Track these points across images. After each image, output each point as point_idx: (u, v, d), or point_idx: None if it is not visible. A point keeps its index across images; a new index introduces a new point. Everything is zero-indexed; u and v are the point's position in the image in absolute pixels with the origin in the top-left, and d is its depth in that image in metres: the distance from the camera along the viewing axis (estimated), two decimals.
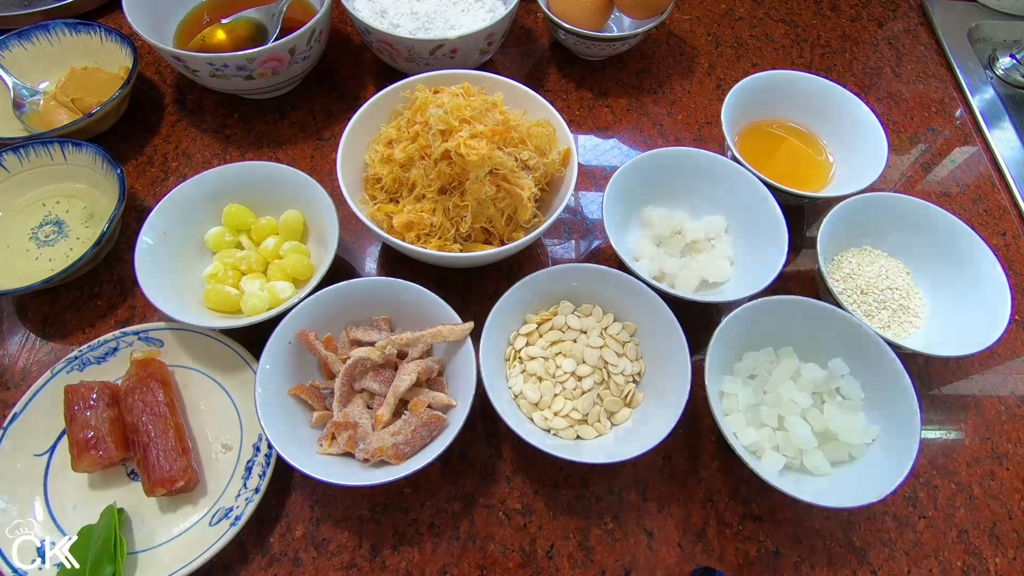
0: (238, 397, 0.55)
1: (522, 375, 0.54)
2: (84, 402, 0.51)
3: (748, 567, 0.51)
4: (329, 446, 0.50)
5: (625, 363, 0.55)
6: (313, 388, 0.53)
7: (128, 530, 0.50)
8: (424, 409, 0.50)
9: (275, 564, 0.50)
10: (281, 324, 0.52)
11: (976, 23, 0.91)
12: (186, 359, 0.57)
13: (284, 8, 0.74)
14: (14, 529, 0.48)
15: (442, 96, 0.59)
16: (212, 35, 0.74)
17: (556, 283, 0.57)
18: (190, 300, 0.57)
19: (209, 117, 0.76)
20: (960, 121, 0.82)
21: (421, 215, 0.57)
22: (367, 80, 0.80)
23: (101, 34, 0.74)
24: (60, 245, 0.64)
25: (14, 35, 0.72)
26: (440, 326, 0.53)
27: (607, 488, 0.54)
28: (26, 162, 0.64)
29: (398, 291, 0.54)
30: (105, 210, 0.64)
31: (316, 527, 0.51)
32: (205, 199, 0.61)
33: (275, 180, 0.62)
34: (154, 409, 0.51)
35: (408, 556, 0.51)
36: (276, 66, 0.68)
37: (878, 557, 0.52)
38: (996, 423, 0.60)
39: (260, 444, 0.52)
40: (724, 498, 0.54)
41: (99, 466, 0.50)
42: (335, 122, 0.76)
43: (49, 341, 0.60)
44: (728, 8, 0.92)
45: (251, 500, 0.49)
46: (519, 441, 0.49)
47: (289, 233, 0.62)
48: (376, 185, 0.61)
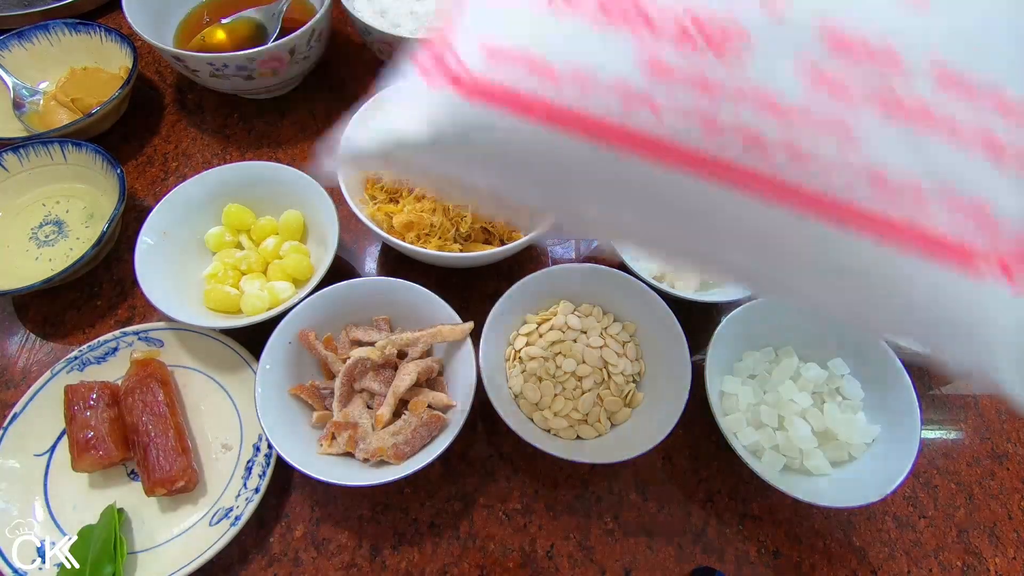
0: (238, 397, 0.55)
1: (522, 375, 0.54)
2: (84, 402, 0.51)
3: (748, 567, 0.51)
4: (329, 446, 0.50)
5: (625, 363, 0.55)
6: (313, 388, 0.53)
7: (128, 530, 0.50)
8: (424, 409, 0.50)
9: (275, 564, 0.50)
10: (281, 324, 0.52)
11: None
12: (186, 359, 0.57)
13: (284, 8, 0.74)
14: (14, 529, 0.48)
15: None
16: (212, 35, 0.74)
17: (556, 283, 0.57)
18: (190, 300, 0.57)
19: (209, 117, 0.76)
20: None
21: (421, 215, 0.57)
22: (367, 80, 0.80)
23: (101, 34, 0.74)
24: (60, 245, 0.64)
25: (14, 35, 0.72)
26: (440, 326, 0.53)
27: (607, 488, 0.54)
28: (26, 162, 0.64)
29: (398, 291, 0.54)
30: (105, 210, 0.64)
31: (316, 527, 0.51)
32: (205, 199, 0.61)
33: (275, 180, 0.62)
34: (154, 409, 0.51)
35: (408, 556, 0.51)
36: (276, 66, 0.68)
37: (878, 557, 0.52)
38: (996, 423, 0.60)
39: (260, 444, 0.52)
40: (724, 498, 0.54)
41: (99, 466, 0.50)
42: (335, 122, 0.76)
43: (49, 341, 0.60)
44: None
45: (251, 500, 0.49)
46: (519, 441, 0.49)
47: (289, 233, 0.62)
48: (376, 185, 0.61)
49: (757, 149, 0.17)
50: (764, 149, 0.17)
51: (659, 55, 0.17)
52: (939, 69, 0.16)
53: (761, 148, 0.17)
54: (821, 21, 0.16)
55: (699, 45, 0.17)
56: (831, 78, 0.16)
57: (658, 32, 0.17)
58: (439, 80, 0.18)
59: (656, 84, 0.17)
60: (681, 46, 0.17)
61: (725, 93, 0.17)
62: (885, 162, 0.17)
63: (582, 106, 0.17)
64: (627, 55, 0.17)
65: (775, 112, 0.17)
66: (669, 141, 0.17)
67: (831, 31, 0.16)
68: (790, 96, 0.17)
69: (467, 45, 0.18)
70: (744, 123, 0.17)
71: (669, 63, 0.17)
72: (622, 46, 0.17)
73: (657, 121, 0.17)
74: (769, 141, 0.17)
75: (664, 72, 0.17)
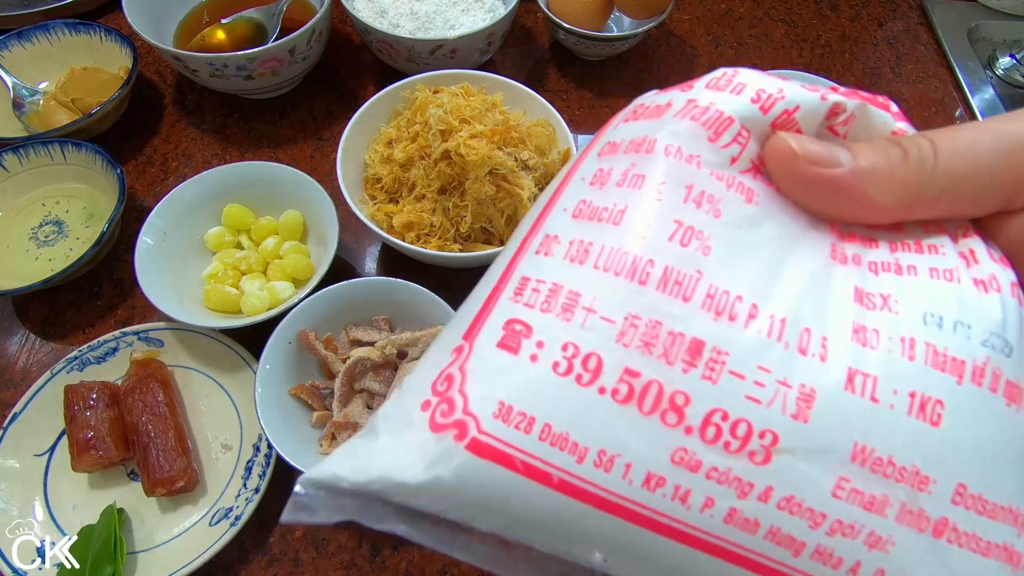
0: (238, 397, 0.55)
1: None
2: (84, 402, 0.51)
3: None
4: (329, 446, 0.50)
5: None
6: (313, 388, 0.53)
7: (128, 530, 0.50)
8: None
9: (275, 564, 0.50)
10: (281, 324, 0.52)
11: (976, 23, 0.91)
12: (186, 359, 0.57)
13: (284, 8, 0.74)
14: (14, 529, 0.48)
15: (442, 96, 0.59)
16: (212, 35, 0.74)
17: None
18: (190, 300, 0.57)
19: (209, 117, 0.76)
20: (960, 121, 0.82)
21: (421, 215, 0.57)
22: (367, 80, 0.80)
23: (101, 34, 0.74)
24: (60, 245, 0.64)
25: (14, 35, 0.72)
26: (440, 326, 0.53)
27: None
28: (26, 162, 0.64)
29: (398, 291, 0.54)
30: (105, 210, 0.64)
31: (316, 527, 0.51)
32: (205, 199, 0.61)
33: (275, 180, 0.62)
34: (154, 409, 0.51)
35: (408, 556, 0.51)
36: (276, 66, 0.68)
37: None
38: None
39: (260, 444, 0.52)
40: None
41: (99, 466, 0.50)
42: (335, 122, 0.76)
43: (49, 341, 0.60)
44: (728, 8, 0.92)
45: (251, 500, 0.49)
46: None
47: (289, 233, 0.62)
48: (376, 185, 0.61)
49: (786, 547, 0.17)
50: (795, 547, 0.17)
51: (689, 448, 0.17)
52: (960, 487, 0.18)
53: (791, 546, 0.17)
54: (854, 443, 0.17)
55: (732, 448, 0.17)
56: (864, 492, 0.17)
57: (689, 429, 0.17)
58: (446, 430, 0.18)
59: (684, 474, 0.17)
60: (714, 445, 0.17)
61: (757, 493, 0.17)
62: (912, 571, 0.17)
63: (601, 483, 0.17)
64: (656, 443, 0.17)
65: (810, 516, 0.17)
66: (692, 527, 0.17)
67: (862, 450, 0.17)
68: (823, 504, 0.17)
69: (480, 400, 0.18)
70: (775, 524, 0.17)
71: (700, 458, 0.17)
72: (651, 435, 0.17)
73: (684, 509, 0.17)
74: (799, 541, 0.17)
75: (693, 466, 0.17)
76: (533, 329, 0.18)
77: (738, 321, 0.18)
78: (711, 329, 0.18)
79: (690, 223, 0.19)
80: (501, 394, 0.18)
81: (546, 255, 0.20)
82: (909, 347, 0.18)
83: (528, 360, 0.18)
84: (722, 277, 0.18)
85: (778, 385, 0.17)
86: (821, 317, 0.18)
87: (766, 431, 0.17)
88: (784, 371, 0.18)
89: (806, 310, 0.18)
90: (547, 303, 0.19)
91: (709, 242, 0.19)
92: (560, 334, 0.18)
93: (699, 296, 0.18)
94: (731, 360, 0.18)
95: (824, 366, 0.18)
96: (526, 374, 0.18)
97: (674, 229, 0.19)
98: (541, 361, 0.18)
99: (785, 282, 0.19)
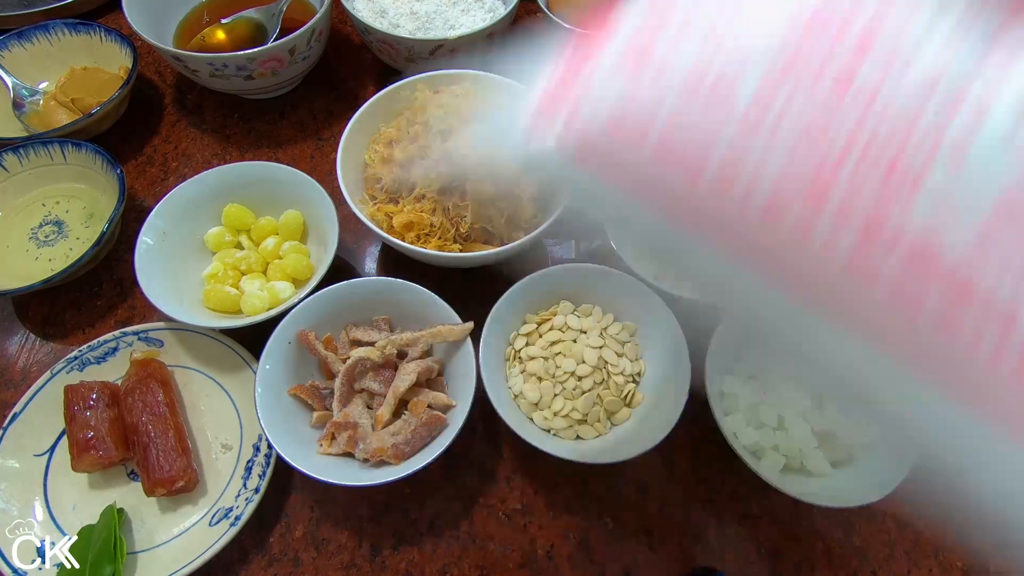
0: (238, 397, 0.55)
1: (522, 375, 0.54)
2: (84, 402, 0.51)
3: (748, 567, 0.51)
4: (329, 446, 0.50)
5: (625, 363, 0.55)
6: (313, 388, 0.53)
7: (128, 530, 0.50)
8: (424, 409, 0.50)
9: (275, 564, 0.50)
10: (281, 324, 0.52)
11: None
12: (186, 359, 0.57)
13: (284, 8, 0.74)
14: (14, 529, 0.48)
15: (442, 96, 0.59)
16: (212, 35, 0.74)
17: (556, 283, 0.57)
18: (190, 300, 0.57)
19: (209, 117, 0.76)
20: None
21: (421, 215, 0.57)
22: (367, 80, 0.80)
23: (101, 34, 0.74)
24: (60, 245, 0.64)
25: (14, 35, 0.72)
26: (440, 326, 0.53)
27: (607, 488, 0.54)
28: (26, 162, 0.64)
29: (398, 291, 0.54)
30: (105, 210, 0.64)
31: (316, 527, 0.51)
32: (205, 199, 0.61)
33: (275, 180, 0.62)
34: (154, 409, 0.51)
35: (408, 556, 0.51)
36: (276, 66, 0.68)
37: (878, 557, 0.52)
38: None
39: (260, 444, 0.52)
40: (724, 498, 0.54)
41: (99, 466, 0.50)
42: (335, 122, 0.76)
43: (49, 341, 0.60)
44: None
45: (251, 500, 0.49)
46: (519, 441, 0.49)
47: (289, 233, 0.62)
48: (376, 185, 0.61)
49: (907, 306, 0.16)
50: (917, 306, 0.16)
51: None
52: None
53: (911, 304, 0.16)
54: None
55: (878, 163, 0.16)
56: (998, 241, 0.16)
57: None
58: (549, 129, 0.18)
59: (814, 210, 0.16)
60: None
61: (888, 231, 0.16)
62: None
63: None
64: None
65: (935, 267, 0.16)
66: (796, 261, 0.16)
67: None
68: (953, 252, 0.16)
69: (591, 109, 0.18)
70: (895, 275, 0.16)
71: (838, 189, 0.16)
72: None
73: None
74: (924, 305, 0.16)
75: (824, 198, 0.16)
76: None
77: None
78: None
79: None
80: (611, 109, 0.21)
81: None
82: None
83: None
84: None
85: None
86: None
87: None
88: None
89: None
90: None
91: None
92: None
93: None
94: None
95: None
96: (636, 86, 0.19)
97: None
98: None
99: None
